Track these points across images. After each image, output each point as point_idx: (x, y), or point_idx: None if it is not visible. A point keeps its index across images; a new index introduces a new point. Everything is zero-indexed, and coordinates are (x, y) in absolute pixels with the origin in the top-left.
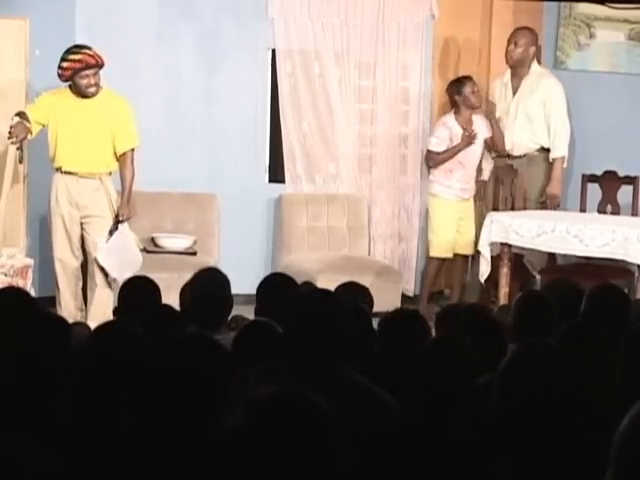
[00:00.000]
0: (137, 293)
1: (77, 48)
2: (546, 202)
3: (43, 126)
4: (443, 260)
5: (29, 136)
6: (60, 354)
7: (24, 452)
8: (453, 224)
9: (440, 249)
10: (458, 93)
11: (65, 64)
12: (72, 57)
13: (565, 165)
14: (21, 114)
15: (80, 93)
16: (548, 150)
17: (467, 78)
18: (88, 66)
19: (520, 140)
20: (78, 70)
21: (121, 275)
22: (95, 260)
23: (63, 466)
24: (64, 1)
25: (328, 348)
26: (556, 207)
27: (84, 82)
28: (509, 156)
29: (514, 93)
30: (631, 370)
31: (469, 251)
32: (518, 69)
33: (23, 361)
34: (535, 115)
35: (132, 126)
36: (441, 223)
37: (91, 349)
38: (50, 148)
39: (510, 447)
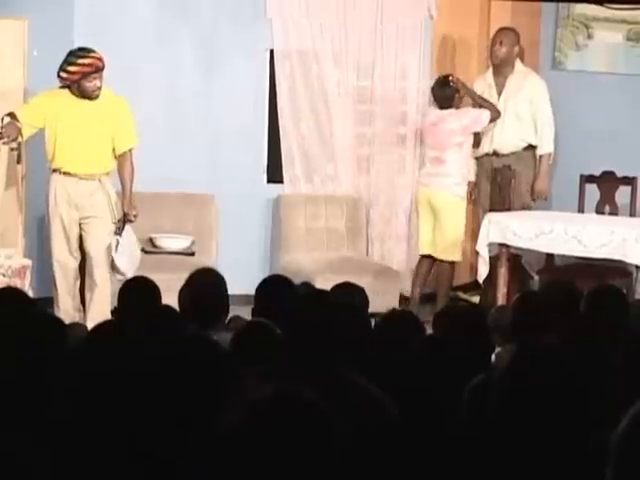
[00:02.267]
0: (137, 294)
1: (84, 52)
2: (534, 198)
3: (38, 128)
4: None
5: (20, 138)
6: (57, 354)
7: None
8: None
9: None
10: (458, 92)
11: (74, 68)
12: (82, 61)
13: (551, 161)
14: (11, 114)
15: (84, 95)
16: (535, 147)
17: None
18: (97, 69)
19: (508, 139)
20: (88, 74)
21: (131, 272)
22: (112, 260)
23: (61, 466)
24: (63, 2)
25: (326, 349)
26: (544, 199)
27: (91, 85)
28: (496, 155)
29: (498, 92)
30: (630, 371)
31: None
32: (502, 68)
33: (20, 361)
34: (523, 113)
35: (131, 125)
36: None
37: (87, 349)
38: (48, 149)
39: (510, 447)
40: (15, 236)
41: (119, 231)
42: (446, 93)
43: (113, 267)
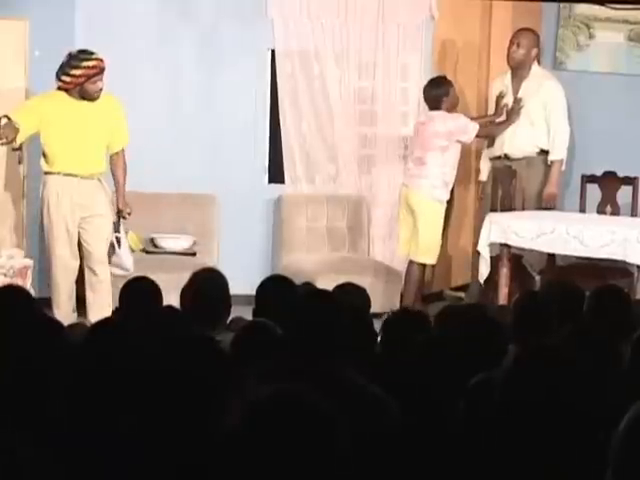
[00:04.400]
0: (139, 294)
1: (85, 54)
2: (543, 205)
3: (31, 133)
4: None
5: (14, 143)
6: (56, 354)
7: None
8: None
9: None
10: (447, 94)
11: (79, 71)
12: (86, 64)
13: (564, 168)
14: (7, 117)
15: (84, 97)
16: (547, 152)
17: (446, 78)
18: (102, 71)
19: (520, 143)
20: (92, 76)
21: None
22: (113, 257)
23: (60, 466)
24: (64, 2)
25: (327, 349)
26: (552, 208)
27: (94, 87)
28: (507, 158)
29: (514, 95)
30: (634, 371)
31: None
32: (519, 71)
33: (20, 361)
34: (536, 118)
35: (125, 125)
36: (440, 228)
37: (87, 348)
38: (47, 152)
39: (511, 447)
40: (16, 236)
41: (117, 228)
42: (433, 94)
43: (116, 264)
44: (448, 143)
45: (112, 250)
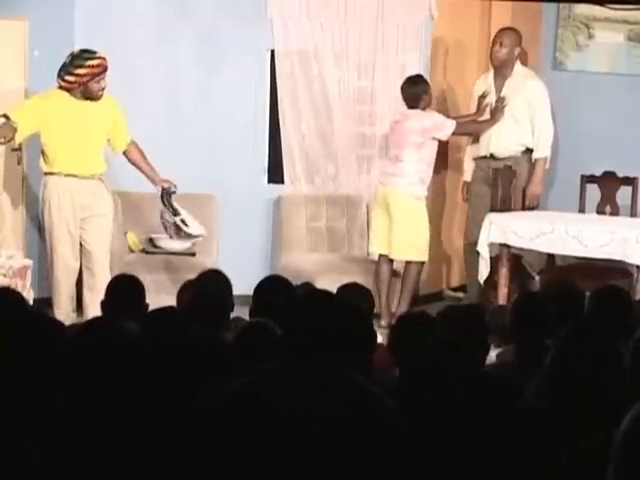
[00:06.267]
0: (123, 291)
1: (88, 53)
2: (527, 204)
3: (31, 133)
4: None
5: (13, 143)
6: (56, 355)
7: (22, 450)
8: None
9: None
10: (426, 92)
11: (84, 70)
12: (90, 63)
13: (547, 166)
14: (5, 116)
15: (86, 97)
16: (532, 151)
17: (423, 77)
18: (105, 70)
19: (505, 142)
20: (97, 75)
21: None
22: (185, 233)
23: (59, 465)
24: (64, 2)
25: (326, 349)
26: (535, 207)
27: (98, 86)
28: (493, 157)
29: (497, 94)
30: (635, 371)
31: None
32: (502, 70)
33: (20, 362)
34: (521, 116)
35: (126, 124)
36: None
37: (80, 346)
38: (47, 152)
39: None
40: (15, 236)
41: (171, 208)
42: (412, 91)
43: (190, 236)
44: (423, 140)
45: (178, 230)
